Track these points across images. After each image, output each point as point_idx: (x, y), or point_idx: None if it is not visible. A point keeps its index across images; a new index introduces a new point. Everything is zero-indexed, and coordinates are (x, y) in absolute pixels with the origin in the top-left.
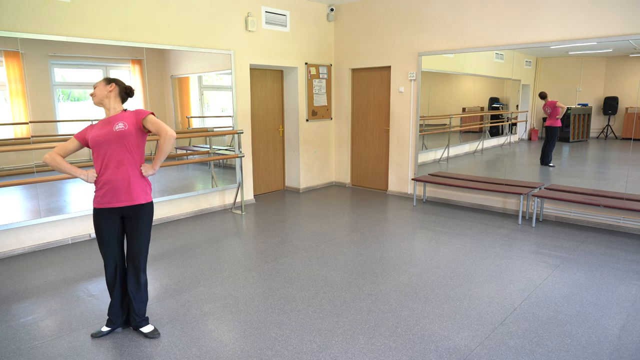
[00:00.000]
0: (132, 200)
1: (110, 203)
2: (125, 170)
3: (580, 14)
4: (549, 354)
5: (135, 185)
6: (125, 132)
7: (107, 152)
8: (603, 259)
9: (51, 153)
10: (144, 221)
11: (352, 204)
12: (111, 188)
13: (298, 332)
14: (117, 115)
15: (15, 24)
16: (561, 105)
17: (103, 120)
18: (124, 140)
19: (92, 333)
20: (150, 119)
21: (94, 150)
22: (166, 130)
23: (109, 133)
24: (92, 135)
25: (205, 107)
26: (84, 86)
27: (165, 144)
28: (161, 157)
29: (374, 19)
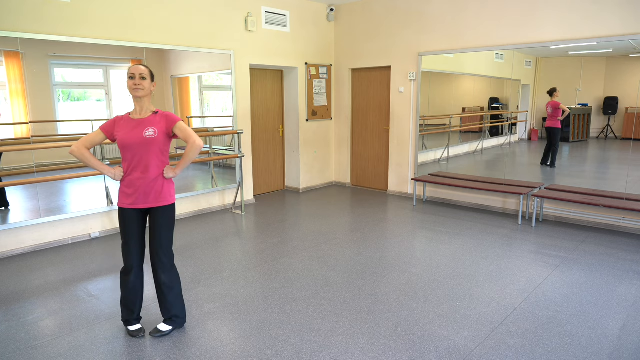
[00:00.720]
0: (156, 202)
1: (135, 204)
2: (151, 174)
3: (580, 14)
4: (549, 354)
5: (159, 188)
6: (155, 139)
7: (135, 156)
8: (603, 259)
9: (78, 145)
10: (166, 221)
11: (352, 204)
12: (136, 190)
13: (298, 332)
14: (148, 118)
15: (15, 24)
16: (564, 107)
17: (133, 121)
18: (152, 147)
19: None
20: (180, 126)
21: (121, 149)
22: (194, 139)
23: (138, 139)
24: (121, 136)
25: (205, 107)
26: (84, 86)
27: (192, 152)
28: (185, 163)
29: (374, 19)
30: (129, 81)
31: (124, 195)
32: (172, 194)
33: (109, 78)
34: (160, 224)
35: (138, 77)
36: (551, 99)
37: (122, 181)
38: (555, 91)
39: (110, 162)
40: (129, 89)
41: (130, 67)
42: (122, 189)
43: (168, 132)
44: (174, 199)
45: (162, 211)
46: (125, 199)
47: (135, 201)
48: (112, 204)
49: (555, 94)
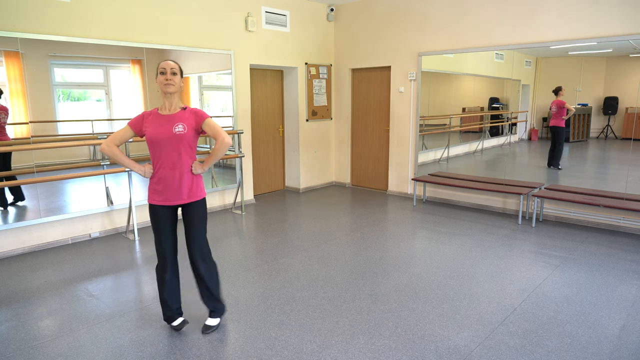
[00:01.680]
0: (186, 198)
1: (164, 201)
2: (179, 171)
3: (580, 14)
4: (549, 354)
5: (188, 185)
6: (184, 135)
7: (164, 152)
8: (603, 259)
9: (108, 143)
10: (199, 216)
11: (352, 204)
12: (165, 187)
13: (298, 332)
14: (177, 114)
15: (15, 24)
16: (569, 106)
17: (162, 116)
18: (181, 143)
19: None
20: (208, 122)
21: (150, 145)
22: (223, 137)
23: (168, 135)
24: (150, 132)
25: (206, 107)
26: (84, 86)
27: (221, 150)
28: (213, 160)
29: (374, 19)
30: (160, 77)
31: (154, 192)
32: (202, 189)
33: (109, 78)
34: (195, 219)
35: (169, 73)
36: (556, 98)
37: (151, 178)
38: (560, 90)
39: (110, 162)
40: (160, 84)
41: (160, 62)
42: (152, 186)
43: (197, 128)
44: (205, 193)
45: (196, 206)
46: (156, 196)
47: (167, 198)
48: (112, 204)
49: (561, 92)
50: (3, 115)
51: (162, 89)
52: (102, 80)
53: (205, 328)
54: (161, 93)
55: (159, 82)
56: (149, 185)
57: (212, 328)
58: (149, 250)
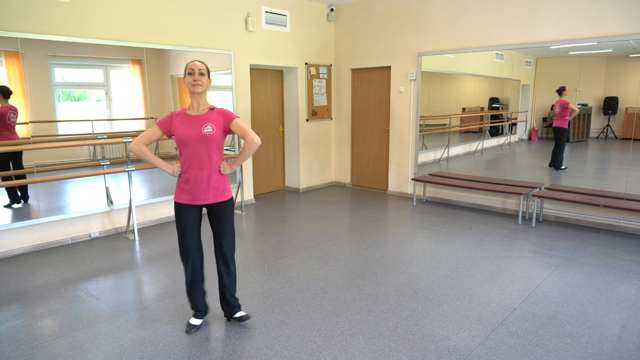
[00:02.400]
0: (217, 198)
1: (192, 201)
2: (207, 171)
3: (580, 14)
4: (549, 354)
5: (215, 185)
6: (213, 136)
7: (193, 152)
8: (603, 259)
9: (137, 142)
10: (227, 215)
11: (352, 204)
12: (193, 187)
13: (298, 332)
14: (206, 115)
15: (15, 24)
16: (573, 107)
17: (191, 117)
18: (210, 143)
19: (185, 330)
20: (237, 122)
21: (179, 146)
22: (252, 137)
23: (197, 135)
24: (180, 132)
25: None
26: (84, 86)
27: (249, 150)
28: (242, 160)
29: (374, 19)
30: (189, 77)
31: (182, 191)
32: (229, 189)
33: (109, 78)
34: (223, 219)
35: (197, 73)
36: (560, 98)
37: (179, 177)
38: (564, 90)
39: (110, 162)
40: (188, 85)
41: (188, 63)
42: (180, 185)
43: (225, 128)
44: (230, 194)
45: (224, 206)
46: (183, 195)
47: (194, 197)
48: (112, 204)
49: (565, 92)
50: (13, 114)
51: (191, 90)
52: (102, 80)
53: (241, 318)
54: (189, 93)
55: (187, 83)
56: (177, 184)
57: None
58: (149, 250)
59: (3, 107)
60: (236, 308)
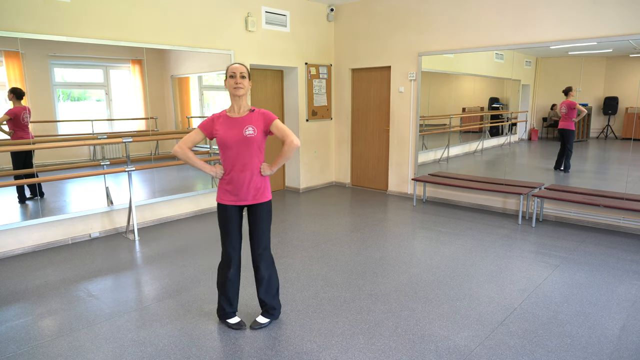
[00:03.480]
0: (254, 200)
1: (234, 202)
2: (249, 172)
3: (580, 14)
4: (549, 354)
5: (256, 186)
6: (254, 138)
7: (235, 155)
8: (603, 259)
9: (181, 146)
10: (265, 217)
11: (352, 204)
12: (235, 188)
13: (298, 332)
14: (247, 117)
15: (15, 24)
16: (581, 108)
17: (232, 119)
18: (251, 145)
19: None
20: (277, 124)
21: (221, 148)
22: (292, 138)
23: (239, 138)
24: (221, 135)
25: (205, 107)
26: (84, 86)
27: (289, 151)
28: (281, 161)
29: (374, 19)
30: (230, 80)
31: (224, 192)
32: (269, 190)
33: (109, 78)
34: (262, 220)
35: (239, 76)
36: (566, 99)
37: (222, 179)
38: (570, 90)
39: (110, 162)
40: (230, 87)
41: (229, 66)
42: (223, 186)
43: (266, 130)
44: (270, 196)
45: (263, 207)
46: (226, 196)
47: (236, 199)
48: (112, 204)
49: (571, 93)
50: (26, 114)
51: (232, 92)
52: (102, 80)
53: (255, 324)
54: (230, 96)
55: (229, 86)
56: (219, 185)
57: (260, 325)
58: (149, 250)
59: (17, 108)
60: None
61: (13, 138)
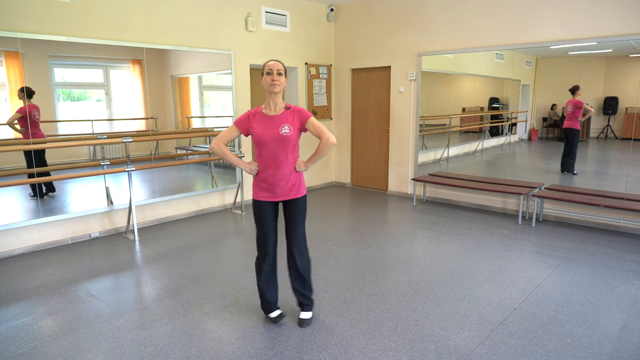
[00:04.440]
0: (289, 195)
1: (270, 198)
2: (285, 170)
3: (580, 14)
4: (549, 354)
5: (292, 183)
6: (290, 136)
7: (271, 152)
8: (603, 259)
9: (218, 143)
10: (301, 211)
11: (352, 204)
12: (271, 185)
13: (298, 332)
14: (283, 115)
15: (15, 24)
16: (587, 107)
17: (268, 117)
18: (287, 143)
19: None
20: (312, 121)
21: (257, 145)
22: (327, 136)
23: (275, 136)
24: (258, 132)
25: (205, 107)
26: (84, 86)
27: (325, 149)
28: (317, 159)
29: (374, 19)
30: (267, 77)
31: (259, 189)
32: (304, 185)
33: (109, 78)
34: (298, 215)
35: (275, 73)
36: (573, 97)
37: (257, 175)
38: (577, 89)
39: (110, 162)
40: (266, 84)
41: (266, 63)
42: (258, 183)
43: (301, 128)
44: (304, 192)
45: (299, 203)
46: (261, 193)
47: (272, 195)
48: (112, 204)
49: (578, 92)
50: (37, 112)
51: (268, 89)
52: (102, 80)
53: (302, 322)
54: (266, 93)
55: (265, 83)
56: (254, 182)
57: (307, 321)
58: (149, 250)
59: (28, 106)
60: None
61: (25, 136)
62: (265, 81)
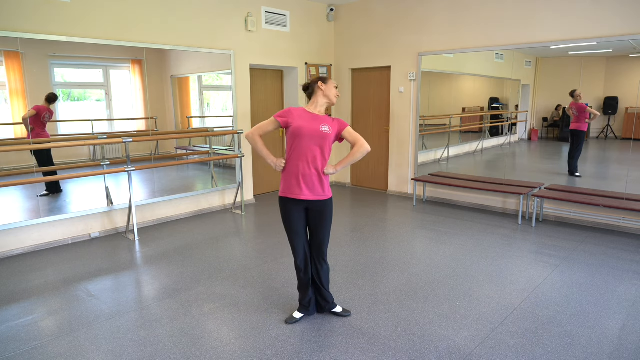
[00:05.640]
0: (317, 195)
1: (297, 195)
2: (316, 168)
3: (580, 14)
4: (549, 354)
5: (320, 183)
6: (329, 135)
7: (306, 146)
8: (603, 259)
9: (253, 133)
10: (327, 214)
11: (352, 204)
12: (300, 181)
13: (298, 332)
14: (323, 116)
15: (15, 24)
16: (593, 111)
17: (310, 114)
18: (324, 142)
19: (285, 320)
20: (349, 130)
21: (293, 138)
22: (363, 142)
23: (315, 130)
24: (298, 124)
25: (205, 107)
26: (84, 86)
27: (358, 154)
28: (348, 162)
29: (374, 19)
30: (335, 90)
31: (288, 186)
32: (329, 189)
33: (109, 78)
34: (326, 216)
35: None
36: (573, 100)
37: (285, 172)
38: (576, 91)
39: (110, 162)
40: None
41: (329, 78)
42: (287, 180)
43: (339, 134)
44: (330, 194)
45: (327, 204)
46: (290, 190)
47: (298, 192)
48: (112, 204)
49: (577, 94)
50: (48, 114)
51: (332, 100)
52: (102, 80)
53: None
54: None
55: (332, 94)
56: (283, 178)
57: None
58: (149, 250)
59: (43, 106)
60: (331, 304)
61: (33, 135)
62: (332, 92)
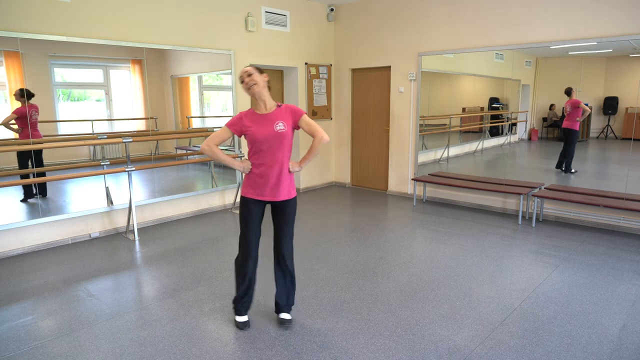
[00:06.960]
0: (280, 196)
1: (259, 196)
2: (278, 168)
3: (580, 14)
4: (549, 354)
5: (283, 182)
6: (285, 133)
7: (266, 150)
8: (603, 259)
9: (208, 143)
10: (290, 214)
11: (352, 204)
12: (263, 183)
13: (298, 332)
14: (275, 112)
15: (15, 24)
16: (585, 107)
17: (261, 116)
18: (282, 141)
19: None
20: (305, 119)
21: (252, 144)
22: (321, 134)
23: (270, 133)
24: (253, 131)
25: (205, 107)
26: (84, 86)
27: (318, 146)
28: (311, 157)
29: (374, 19)
30: (242, 85)
31: (251, 187)
32: (293, 188)
33: (109, 78)
34: (288, 216)
35: (245, 76)
36: (569, 98)
37: (250, 174)
38: (572, 90)
39: (110, 162)
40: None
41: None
42: (250, 182)
43: (294, 125)
44: (295, 193)
45: (290, 204)
46: (252, 191)
47: (262, 193)
48: (112, 204)
49: (573, 92)
50: (35, 112)
51: (250, 93)
52: (102, 80)
53: (281, 321)
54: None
55: (245, 90)
56: (246, 180)
57: (288, 321)
58: (149, 250)
59: (21, 108)
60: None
61: (22, 136)
62: (244, 89)
